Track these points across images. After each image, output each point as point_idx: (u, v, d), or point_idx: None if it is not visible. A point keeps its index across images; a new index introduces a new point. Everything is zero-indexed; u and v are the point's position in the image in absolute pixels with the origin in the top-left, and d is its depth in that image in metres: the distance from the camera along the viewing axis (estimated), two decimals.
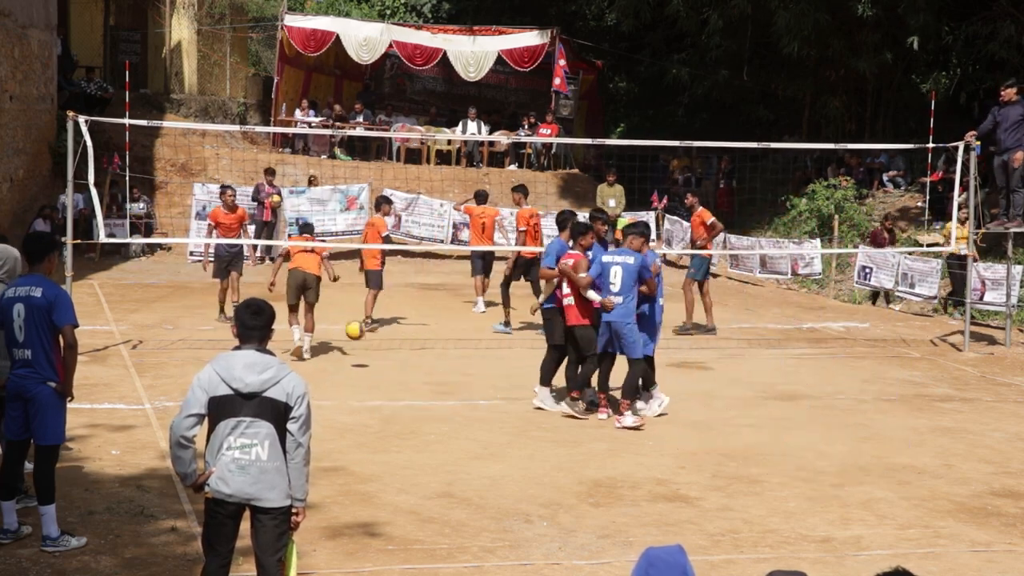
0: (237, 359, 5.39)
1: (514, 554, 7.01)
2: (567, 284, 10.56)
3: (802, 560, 7.01)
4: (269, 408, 5.33)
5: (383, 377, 12.24)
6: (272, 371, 5.37)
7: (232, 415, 5.33)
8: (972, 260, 15.65)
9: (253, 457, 5.32)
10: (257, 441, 5.33)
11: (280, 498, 5.39)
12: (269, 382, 5.34)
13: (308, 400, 5.48)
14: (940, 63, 23.11)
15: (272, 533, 5.41)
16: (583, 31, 31.00)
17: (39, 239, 7.49)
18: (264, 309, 5.53)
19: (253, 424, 5.33)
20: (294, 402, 5.38)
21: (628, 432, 10.13)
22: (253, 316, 5.48)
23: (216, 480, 5.35)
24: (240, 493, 5.34)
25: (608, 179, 22.89)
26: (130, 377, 11.74)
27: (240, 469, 5.32)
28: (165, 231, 22.34)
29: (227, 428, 5.33)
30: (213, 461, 5.38)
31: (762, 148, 18.89)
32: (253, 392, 5.32)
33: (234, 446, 5.32)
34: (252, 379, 5.33)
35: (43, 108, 21.86)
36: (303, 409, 5.42)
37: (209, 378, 5.38)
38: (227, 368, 5.37)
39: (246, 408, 5.32)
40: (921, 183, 20.44)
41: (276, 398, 5.34)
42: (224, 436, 5.34)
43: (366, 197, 22.51)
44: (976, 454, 9.66)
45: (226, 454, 5.34)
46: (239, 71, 30.63)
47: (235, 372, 5.34)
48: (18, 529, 7.00)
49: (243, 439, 5.32)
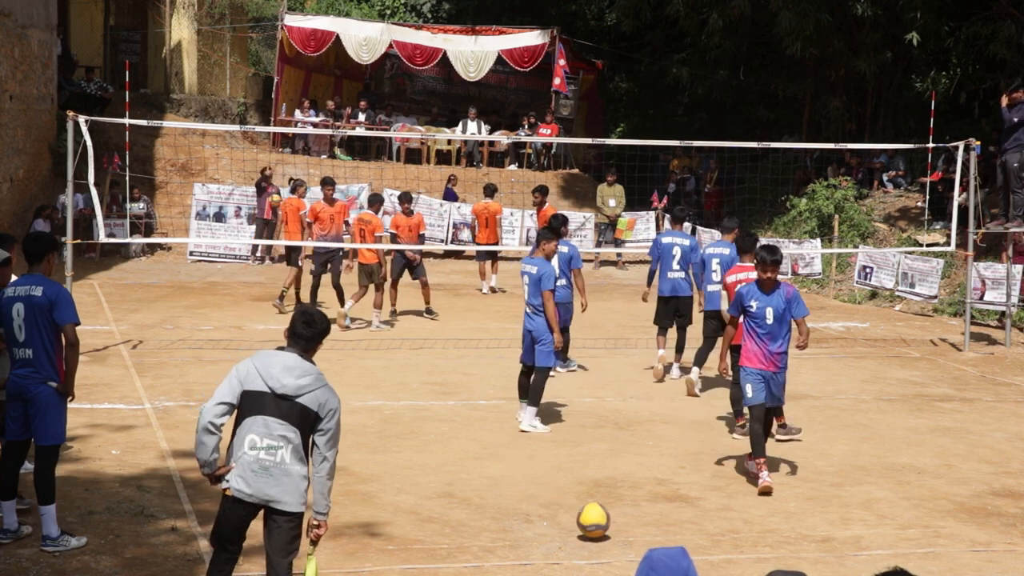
0: (278, 359, 5.42)
1: (514, 554, 7.02)
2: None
3: (802, 560, 7.01)
4: (299, 414, 5.35)
5: (383, 377, 12.23)
6: (310, 379, 5.40)
7: (261, 412, 5.35)
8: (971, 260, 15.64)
9: (278, 459, 5.34)
10: (283, 444, 5.35)
11: (297, 503, 5.42)
12: (304, 388, 5.36)
13: (339, 416, 5.49)
14: (940, 63, 23.10)
15: (286, 536, 5.44)
16: (583, 31, 30.99)
17: (39, 239, 7.49)
18: (316, 321, 5.55)
19: (282, 427, 5.34)
20: (325, 414, 5.41)
21: (628, 432, 10.14)
22: (305, 325, 5.52)
23: (237, 478, 5.36)
24: (260, 494, 5.36)
25: (608, 179, 22.90)
26: (130, 377, 11.74)
27: (263, 470, 5.33)
28: (165, 231, 22.33)
29: (254, 425, 5.35)
30: (235, 456, 5.38)
31: (762, 148, 18.88)
32: (287, 395, 5.34)
33: (259, 446, 5.34)
34: (288, 381, 5.35)
35: (43, 108, 21.86)
36: (332, 423, 5.44)
37: (247, 371, 5.41)
38: (266, 365, 5.40)
39: (277, 409, 5.34)
40: (921, 183, 20.44)
41: (308, 406, 5.36)
42: (250, 433, 5.35)
43: (366, 197, 22.50)
44: (976, 454, 9.67)
45: (250, 453, 5.35)
46: (239, 71, 30.63)
47: (273, 371, 5.37)
48: (18, 529, 7.00)
49: (270, 440, 5.34)
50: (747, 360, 8.74)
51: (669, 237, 12.68)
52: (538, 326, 10.16)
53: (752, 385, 8.66)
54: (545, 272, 10.10)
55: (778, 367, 8.74)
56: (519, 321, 16.14)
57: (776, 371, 8.72)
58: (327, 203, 15.57)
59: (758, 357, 8.67)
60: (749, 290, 8.74)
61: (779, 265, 8.77)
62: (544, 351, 10.13)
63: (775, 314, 8.61)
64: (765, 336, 8.65)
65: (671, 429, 10.31)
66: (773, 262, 8.64)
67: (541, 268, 10.14)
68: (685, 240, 12.63)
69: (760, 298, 8.63)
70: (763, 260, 8.67)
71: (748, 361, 8.73)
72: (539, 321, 10.15)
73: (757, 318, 8.67)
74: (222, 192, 22.14)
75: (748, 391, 8.67)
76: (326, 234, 15.42)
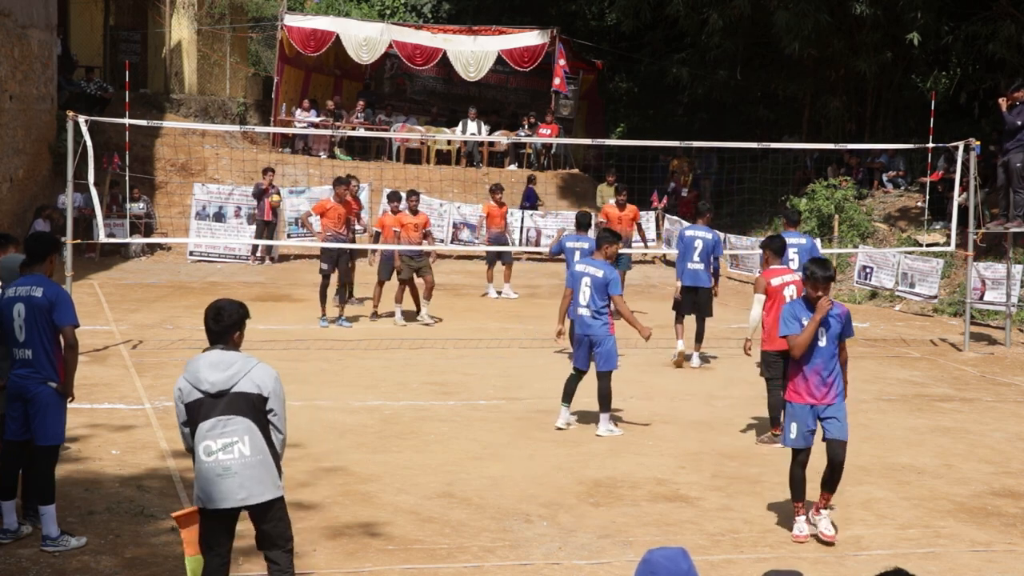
0: (201, 361, 5.41)
1: (514, 554, 7.01)
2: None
3: (802, 560, 7.01)
4: (242, 402, 5.32)
5: (383, 377, 12.23)
6: (236, 366, 5.36)
7: (207, 417, 5.32)
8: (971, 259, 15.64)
9: (236, 455, 5.31)
10: (237, 437, 5.31)
11: (272, 490, 5.40)
12: (235, 377, 5.33)
13: (282, 389, 5.46)
14: (940, 63, 23.11)
15: (275, 528, 5.43)
16: (583, 31, 31.00)
17: (39, 239, 7.49)
18: (223, 312, 5.48)
19: (230, 422, 5.31)
20: (268, 393, 5.38)
21: (628, 432, 10.13)
22: (213, 320, 5.47)
23: (203, 494, 5.34)
24: (232, 498, 5.32)
25: (608, 179, 22.90)
26: (130, 377, 11.73)
27: (226, 471, 5.29)
28: (165, 231, 22.33)
29: (204, 431, 5.33)
30: (196, 469, 5.36)
31: (762, 148, 18.88)
32: (221, 390, 5.31)
33: (215, 449, 5.30)
34: (217, 377, 5.32)
35: (43, 108, 21.86)
36: (278, 398, 5.41)
37: (181, 387, 5.41)
38: (193, 372, 5.38)
39: (219, 408, 5.31)
40: (921, 183, 20.44)
41: (247, 391, 5.33)
42: (203, 440, 5.32)
43: (366, 197, 22.50)
44: (976, 454, 9.66)
45: (207, 460, 5.31)
46: (239, 71, 30.64)
47: (200, 374, 5.35)
48: (18, 529, 7.00)
49: (223, 438, 5.31)
50: (794, 394, 7.47)
51: (692, 230, 13.43)
52: (597, 330, 9.95)
53: (797, 423, 7.41)
54: (613, 277, 9.98)
55: (833, 398, 7.43)
56: (519, 321, 16.27)
57: (830, 403, 7.42)
58: (338, 202, 15.58)
59: (807, 390, 7.43)
60: (795, 309, 7.55)
61: (831, 282, 7.63)
62: (606, 355, 9.97)
63: (828, 336, 7.44)
64: (815, 362, 7.41)
65: (671, 429, 10.31)
66: (825, 279, 7.44)
67: (608, 273, 9.97)
68: (708, 234, 13.23)
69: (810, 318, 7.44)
70: (814, 276, 7.43)
71: (796, 395, 7.45)
72: (598, 325, 9.95)
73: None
74: (222, 192, 22.14)
75: (792, 430, 7.44)
76: (337, 233, 15.44)
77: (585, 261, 10.32)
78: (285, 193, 22.05)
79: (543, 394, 11.35)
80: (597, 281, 9.94)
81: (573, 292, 10.10)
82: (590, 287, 9.96)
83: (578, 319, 10.06)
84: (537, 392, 11.58)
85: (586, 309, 9.97)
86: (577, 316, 10.06)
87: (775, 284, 9.91)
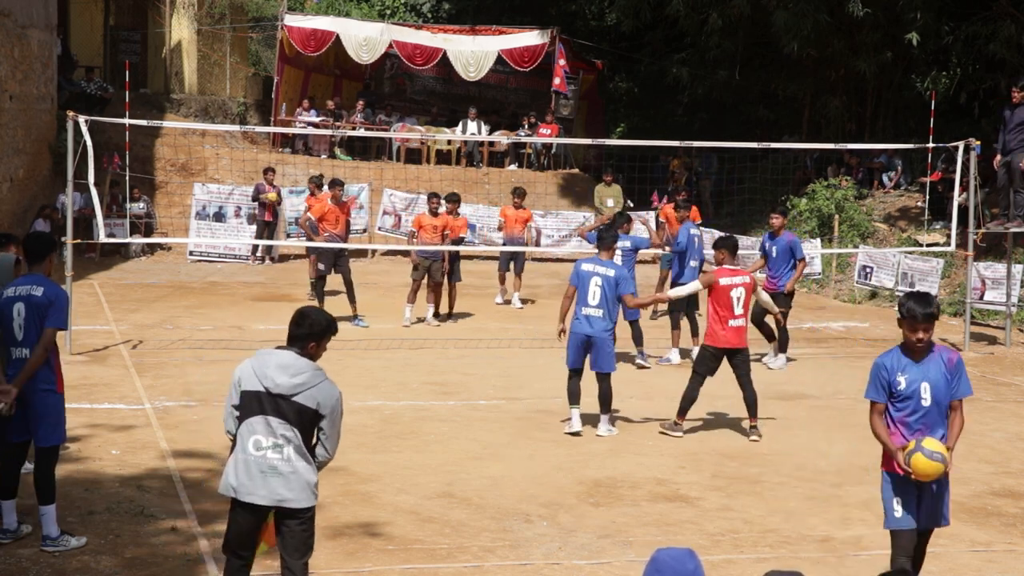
0: (273, 357, 5.39)
1: (514, 554, 7.02)
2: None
3: (802, 560, 7.01)
4: (297, 413, 5.31)
5: (383, 377, 12.23)
6: (304, 376, 5.34)
7: (262, 412, 5.32)
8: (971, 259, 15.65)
9: (285, 457, 5.31)
10: (285, 442, 5.31)
11: (308, 499, 5.40)
12: (299, 387, 5.31)
13: (340, 411, 5.45)
14: (940, 63, 23.09)
15: (300, 536, 5.42)
16: (583, 31, 30.99)
17: (37, 239, 7.48)
18: (305, 319, 5.48)
19: (282, 426, 5.31)
20: (326, 411, 5.36)
21: (628, 432, 10.13)
22: (295, 324, 5.48)
23: (244, 483, 5.32)
24: (273, 495, 5.32)
25: (605, 179, 22.86)
26: (130, 377, 11.73)
27: (272, 469, 5.30)
28: (165, 231, 22.33)
29: (257, 425, 5.32)
30: (238, 459, 5.35)
31: (762, 148, 18.86)
32: (282, 394, 5.30)
33: (265, 445, 5.31)
34: (283, 380, 5.31)
35: (43, 108, 21.86)
36: (333, 419, 5.40)
37: (244, 371, 5.41)
38: (262, 364, 5.37)
39: (275, 408, 5.30)
40: (921, 183, 20.44)
41: (305, 404, 5.32)
42: (253, 434, 5.33)
43: (366, 197, 22.52)
44: (976, 454, 9.66)
45: (256, 453, 5.31)
46: (239, 71, 30.64)
47: (268, 370, 5.34)
48: (18, 529, 7.00)
49: (274, 439, 5.31)
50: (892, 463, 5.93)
51: (695, 229, 14.12)
52: (600, 333, 9.95)
53: (900, 499, 5.95)
54: (623, 276, 10.06)
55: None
56: (519, 321, 16.27)
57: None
58: (334, 203, 15.61)
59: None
60: (892, 361, 5.99)
61: (934, 322, 5.93)
62: (606, 357, 9.98)
63: (933, 392, 5.90)
64: (918, 424, 5.91)
65: None
66: (926, 317, 5.84)
67: (619, 272, 10.04)
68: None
69: (910, 370, 5.93)
70: (911, 315, 5.88)
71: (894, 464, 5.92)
72: (602, 326, 9.94)
73: (906, 399, 5.92)
74: (222, 192, 22.13)
75: (896, 508, 5.96)
76: (333, 233, 15.45)
77: (593, 261, 10.26)
78: (285, 193, 22.05)
79: (543, 394, 11.35)
80: (609, 281, 9.96)
81: (578, 291, 10.10)
82: (601, 287, 9.96)
83: (583, 319, 10.02)
84: (537, 392, 11.58)
85: (596, 310, 9.96)
86: (582, 316, 10.03)
87: (723, 284, 9.98)
